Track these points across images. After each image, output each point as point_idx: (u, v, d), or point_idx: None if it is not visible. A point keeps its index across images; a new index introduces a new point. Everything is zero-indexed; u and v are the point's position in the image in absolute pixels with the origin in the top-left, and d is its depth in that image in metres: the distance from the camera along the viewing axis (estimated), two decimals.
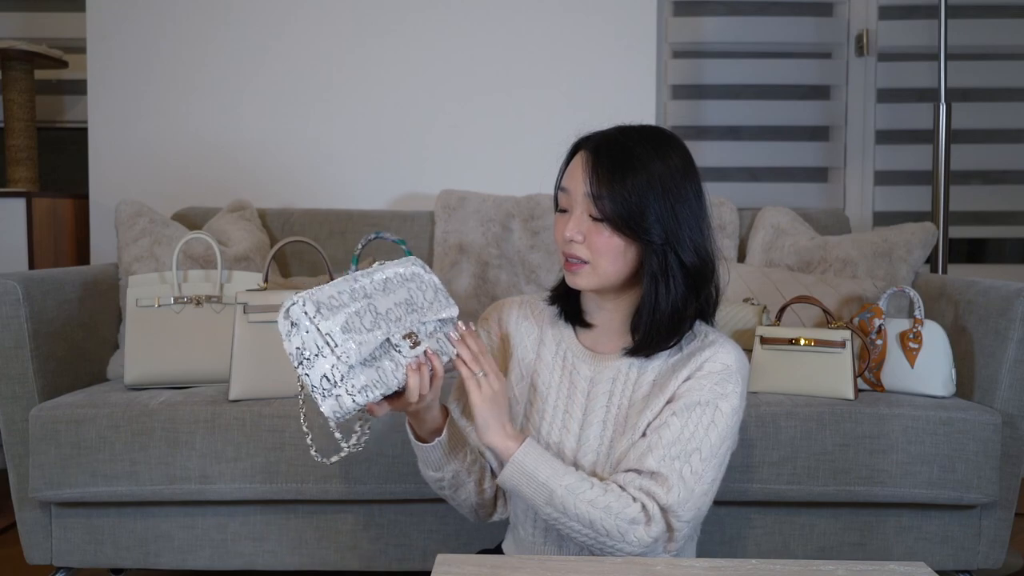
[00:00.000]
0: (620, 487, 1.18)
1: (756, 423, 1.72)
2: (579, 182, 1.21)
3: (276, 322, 1.71)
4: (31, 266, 2.42)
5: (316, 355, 1.06)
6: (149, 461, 1.71)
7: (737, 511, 1.77)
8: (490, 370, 1.21)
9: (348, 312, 1.08)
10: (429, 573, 1.01)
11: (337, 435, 1.16)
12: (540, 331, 1.35)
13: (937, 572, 1.02)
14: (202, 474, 1.71)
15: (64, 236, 2.59)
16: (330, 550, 1.78)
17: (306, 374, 1.06)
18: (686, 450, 1.17)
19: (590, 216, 1.20)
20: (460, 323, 1.22)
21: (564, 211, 1.24)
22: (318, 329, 1.06)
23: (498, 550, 1.42)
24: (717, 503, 1.72)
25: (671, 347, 1.25)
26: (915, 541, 1.77)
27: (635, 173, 1.18)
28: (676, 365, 1.25)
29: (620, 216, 1.18)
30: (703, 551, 1.73)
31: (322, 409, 1.07)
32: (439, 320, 1.20)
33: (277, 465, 1.71)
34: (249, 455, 1.71)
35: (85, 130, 2.64)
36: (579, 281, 1.23)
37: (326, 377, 1.06)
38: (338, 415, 1.08)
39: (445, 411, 1.27)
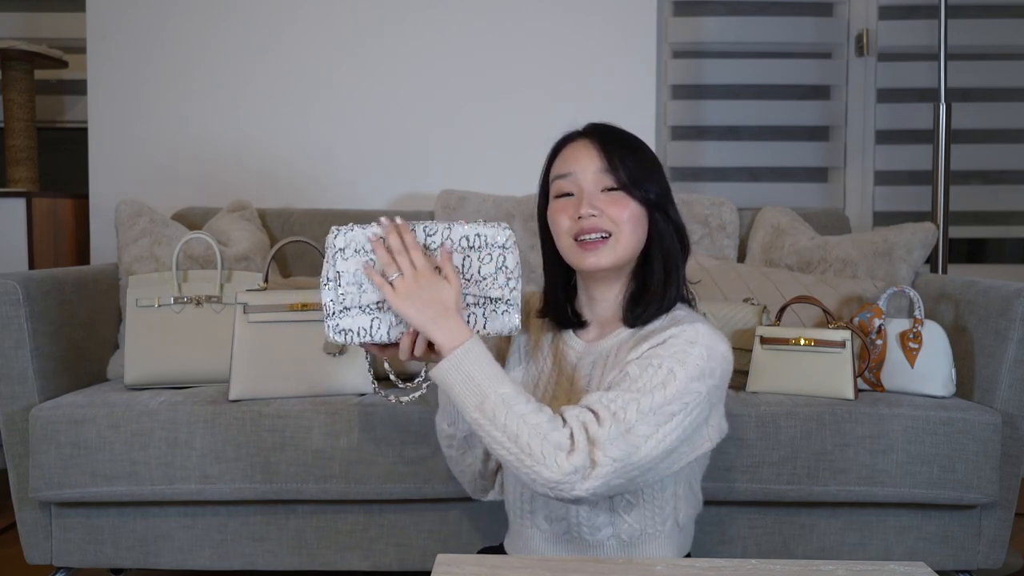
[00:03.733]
0: (556, 413, 1.15)
1: (756, 423, 1.72)
2: (588, 160, 1.27)
3: (276, 323, 1.75)
4: (31, 266, 2.42)
5: (325, 284, 1.19)
6: (149, 461, 1.71)
7: (737, 511, 1.77)
8: (407, 269, 1.16)
9: (371, 260, 1.18)
10: (429, 573, 1.01)
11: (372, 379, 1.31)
12: (540, 327, 1.39)
13: (937, 572, 1.02)
14: (202, 474, 1.71)
15: (64, 236, 2.59)
16: (330, 550, 1.78)
17: (324, 292, 1.20)
18: (624, 397, 1.14)
19: (604, 190, 1.25)
20: (384, 219, 1.19)
21: (567, 195, 1.28)
22: (335, 264, 1.18)
23: (499, 549, 1.42)
24: (717, 503, 1.74)
25: (664, 307, 1.27)
26: (915, 541, 1.77)
27: (636, 150, 1.29)
28: (646, 336, 1.24)
29: (635, 183, 1.25)
30: (703, 551, 1.73)
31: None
32: (488, 297, 1.22)
33: (277, 465, 1.71)
34: (249, 455, 1.71)
35: (85, 130, 2.64)
36: (601, 258, 1.25)
37: (325, 305, 1.19)
38: (330, 339, 1.20)
39: None
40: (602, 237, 1.24)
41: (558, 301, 1.35)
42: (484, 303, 1.22)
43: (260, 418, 1.72)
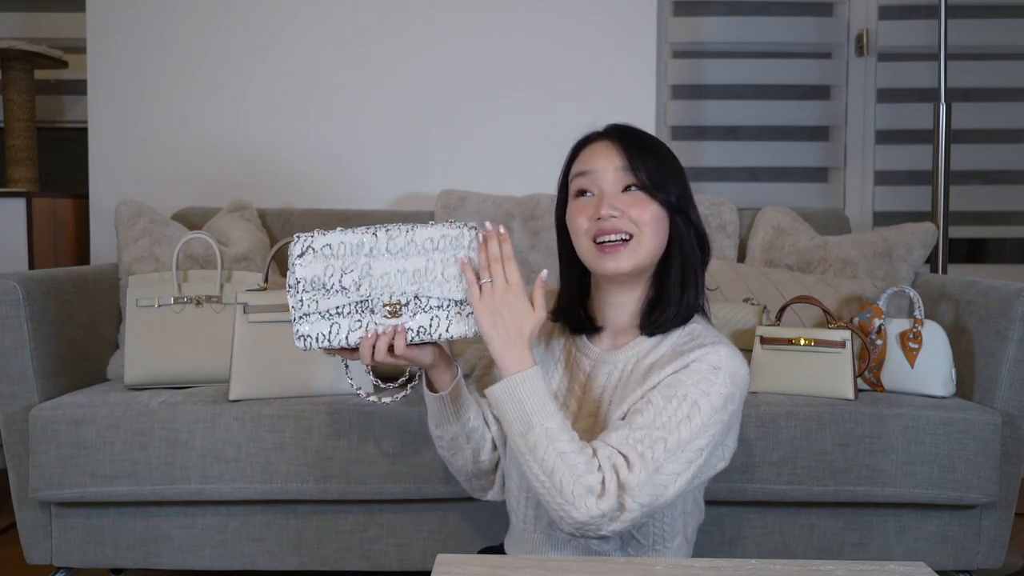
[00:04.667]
0: (594, 452, 1.15)
1: (756, 423, 1.72)
2: (609, 160, 1.25)
3: (277, 322, 1.75)
4: (31, 266, 2.42)
5: (287, 290, 1.20)
6: (149, 461, 1.71)
7: (737, 511, 1.77)
8: (499, 279, 1.17)
9: (329, 265, 1.19)
10: (429, 573, 1.01)
11: (371, 379, 1.33)
12: (551, 331, 1.37)
13: (937, 572, 1.02)
14: (202, 474, 1.71)
15: (64, 236, 2.59)
16: (330, 550, 1.78)
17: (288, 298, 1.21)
18: (651, 436, 1.14)
19: (625, 188, 1.24)
20: (490, 224, 1.19)
21: (586, 194, 1.26)
22: (294, 271, 1.19)
23: (499, 549, 1.42)
24: (717, 503, 1.74)
25: (681, 314, 1.25)
26: (915, 541, 1.77)
27: (658, 152, 1.27)
28: (667, 358, 1.23)
29: (656, 184, 1.24)
30: (703, 551, 1.73)
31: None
32: (452, 300, 1.20)
33: (277, 465, 1.71)
34: (249, 455, 1.71)
35: (85, 130, 2.64)
36: (621, 262, 1.22)
37: (289, 309, 1.21)
38: (295, 345, 1.21)
39: (458, 373, 1.29)
40: (622, 240, 1.22)
41: (573, 304, 1.33)
42: (448, 305, 1.20)
43: (260, 418, 1.72)
